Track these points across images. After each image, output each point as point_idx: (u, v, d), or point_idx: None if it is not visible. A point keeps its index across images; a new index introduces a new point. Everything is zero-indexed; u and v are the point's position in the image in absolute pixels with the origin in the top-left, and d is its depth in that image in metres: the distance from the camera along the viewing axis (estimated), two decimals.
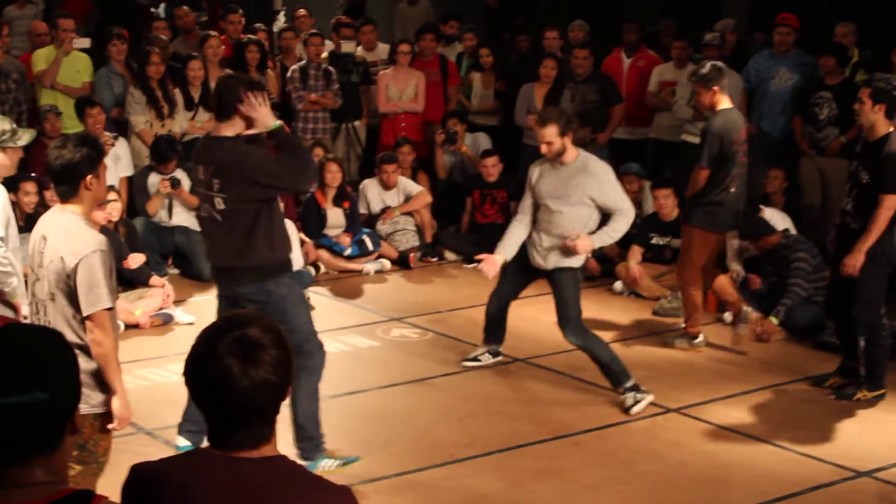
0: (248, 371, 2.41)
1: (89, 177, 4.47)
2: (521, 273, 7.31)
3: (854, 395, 7.16)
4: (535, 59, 11.40)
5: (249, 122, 5.56)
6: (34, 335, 2.40)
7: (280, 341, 2.48)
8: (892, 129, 6.90)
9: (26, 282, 4.92)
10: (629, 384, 6.98)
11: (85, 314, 4.43)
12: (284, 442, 2.56)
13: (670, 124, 10.91)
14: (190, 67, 10.45)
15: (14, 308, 5.24)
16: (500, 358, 7.73)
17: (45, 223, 4.61)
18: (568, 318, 7.02)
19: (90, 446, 4.50)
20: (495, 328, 7.66)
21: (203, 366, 2.45)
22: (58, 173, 4.49)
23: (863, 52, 10.77)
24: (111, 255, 4.51)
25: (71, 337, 4.44)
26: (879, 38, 10.62)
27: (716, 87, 7.68)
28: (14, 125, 5.26)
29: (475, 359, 7.71)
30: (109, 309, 4.46)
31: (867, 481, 6.11)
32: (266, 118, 5.51)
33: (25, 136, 5.29)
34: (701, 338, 8.13)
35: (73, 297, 4.45)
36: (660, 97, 11.05)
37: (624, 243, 9.85)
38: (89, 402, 4.46)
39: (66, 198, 4.53)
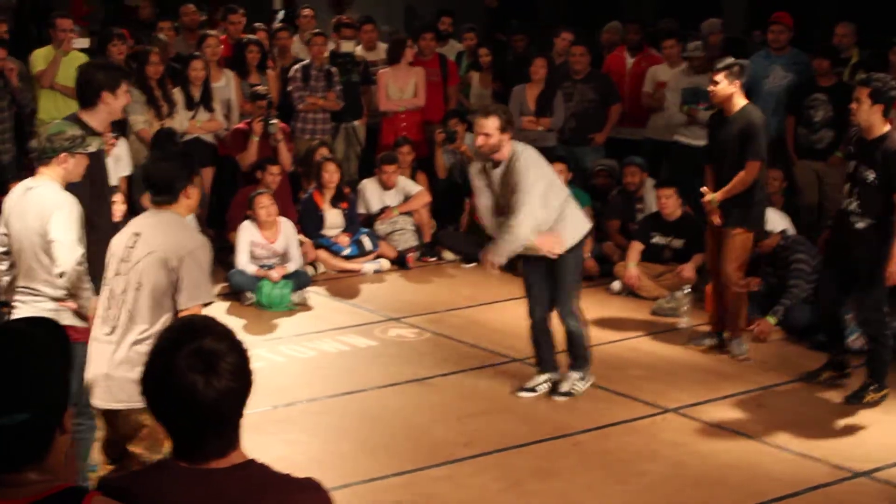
0: (211, 383, 2.38)
1: (189, 186, 4.72)
2: None
3: (863, 397, 7.14)
4: (532, 59, 11.40)
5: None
6: (20, 344, 2.36)
7: (235, 346, 2.45)
8: (887, 127, 6.95)
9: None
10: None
11: (182, 308, 4.56)
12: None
13: (665, 124, 10.92)
14: (192, 67, 10.46)
15: (86, 320, 5.21)
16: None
17: (139, 222, 4.78)
18: None
19: (158, 446, 4.51)
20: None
21: (164, 383, 2.40)
22: (159, 185, 4.72)
23: (862, 53, 10.77)
24: (211, 251, 4.72)
25: (152, 327, 4.57)
26: (877, 38, 10.62)
27: (739, 83, 7.66)
28: (82, 131, 5.30)
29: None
30: (206, 304, 4.64)
31: (865, 481, 6.12)
32: None
33: (95, 143, 5.39)
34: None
35: (164, 291, 4.57)
36: (656, 97, 11.06)
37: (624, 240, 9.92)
38: None
39: (164, 206, 4.73)
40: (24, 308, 5.21)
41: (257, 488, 2.44)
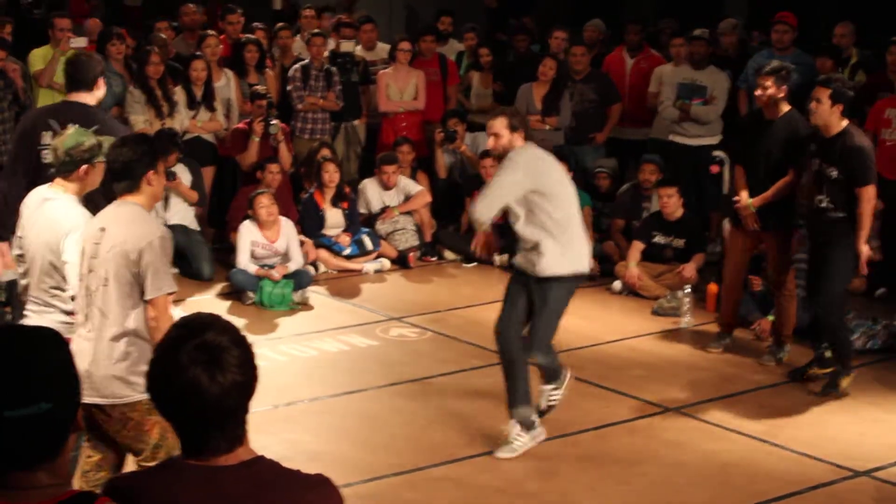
0: (215, 377, 2.38)
1: (150, 172, 4.67)
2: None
3: (839, 385, 7.25)
4: (533, 59, 11.40)
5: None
6: (35, 341, 2.37)
7: (239, 340, 2.45)
8: (845, 122, 7.13)
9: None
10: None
11: (148, 297, 4.59)
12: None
13: (663, 122, 10.91)
14: (193, 67, 10.46)
15: None
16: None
17: (104, 215, 4.76)
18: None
19: (144, 437, 4.62)
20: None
21: (168, 380, 2.40)
22: (118, 171, 4.69)
23: (861, 53, 10.77)
24: (171, 241, 4.71)
25: (124, 322, 4.61)
26: (877, 38, 10.62)
27: (786, 87, 7.62)
28: (98, 139, 5.28)
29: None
30: (171, 293, 4.64)
31: (866, 481, 6.12)
32: None
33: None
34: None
35: (131, 284, 4.60)
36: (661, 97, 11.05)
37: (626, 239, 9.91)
38: (138, 389, 4.57)
39: (126, 194, 4.71)
40: (35, 318, 5.16)
41: (266, 485, 2.43)
